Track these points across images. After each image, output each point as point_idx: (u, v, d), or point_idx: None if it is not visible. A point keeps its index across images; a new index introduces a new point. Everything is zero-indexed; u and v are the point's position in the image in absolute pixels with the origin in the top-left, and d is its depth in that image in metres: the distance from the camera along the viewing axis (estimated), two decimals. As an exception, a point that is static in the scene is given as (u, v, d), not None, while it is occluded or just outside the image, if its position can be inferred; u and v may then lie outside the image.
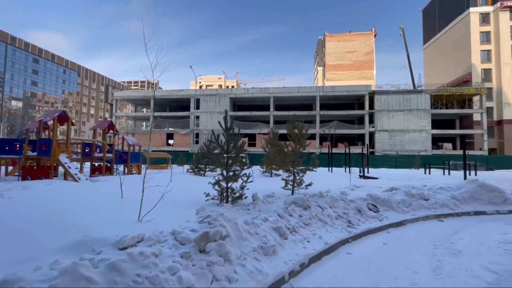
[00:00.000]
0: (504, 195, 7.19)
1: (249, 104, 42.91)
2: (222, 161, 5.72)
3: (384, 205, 6.26)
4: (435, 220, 6.08)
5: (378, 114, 36.41)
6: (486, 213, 6.66)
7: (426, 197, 6.89)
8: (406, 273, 3.37)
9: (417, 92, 36.79)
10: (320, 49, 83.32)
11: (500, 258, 3.85)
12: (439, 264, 3.63)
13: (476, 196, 7.20)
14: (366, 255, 4.03)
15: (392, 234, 5.10)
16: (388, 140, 35.91)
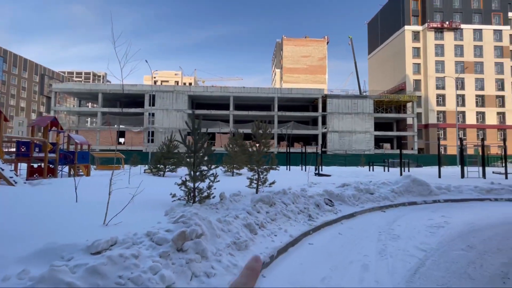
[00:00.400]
0: (430, 188, 8.64)
1: (208, 102, 42.29)
2: (190, 161, 5.72)
3: (338, 199, 7.00)
4: (379, 211, 7.04)
5: (330, 116, 39.34)
6: (416, 203, 7.93)
7: (372, 191, 7.89)
8: (358, 256, 3.93)
9: (362, 97, 40.80)
10: (278, 52, 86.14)
11: (427, 239, 4.73)
12: (383, 247, 4.31)
13: (410, 190, 8.51)
14: (325, 244, 4.54)
15: (345, 225, 5.77)
16: (338, 140, 39.09)
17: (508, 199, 8.64)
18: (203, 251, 3.08)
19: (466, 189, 9.21)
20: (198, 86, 42.62)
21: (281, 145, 36.48)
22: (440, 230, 5.31)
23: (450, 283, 3.14)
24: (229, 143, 13.58)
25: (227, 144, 13.85)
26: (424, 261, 3.78)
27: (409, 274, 3.36)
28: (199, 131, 5.94)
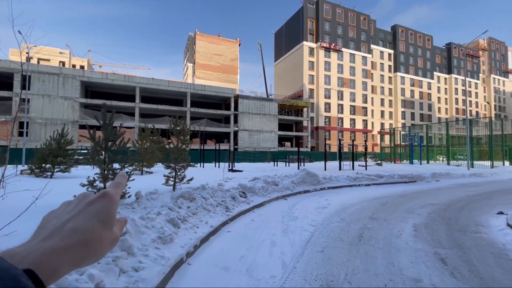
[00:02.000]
0: (318, 179, 10.82)
1: (108, 91, 36.78)
2: (100, 158, 5.25)
3: (250, 191, 7.89)
4: (282, 199, 8.36)
5: (241, 116, 41.57)
6: (309, 191, 9.82)
7: (277, 183, 9.24)
8: (268, 236, 4.77)
9: (269, 100, 45.10)
10: (190, 46, 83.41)
11: (316, 217, 6.13)
12: (286, 227, 5.34)
13: (305, 180, 10.41)
14: (241, 230, 5.20)
15: (256, 212, 6.66)
16: (248, 138, 41.84)
17: (366, 184, 11.86)
18: (129, 247, 3.12)
19: (342, 178, 12.02)
20: (95, 71, 36.28)
21: (194, 142, 35.95)
22: (324, 210, 6.93)
23: (329, 244, 4.36)
24: (138, 139, 12.59)
25: (135, 140, 12.78)
26: (313, 233, 4.98)
27: (304, 244, 4.40)
28: (110, 125, 5.51)
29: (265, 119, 43.53)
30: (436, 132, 36.73)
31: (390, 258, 3.80)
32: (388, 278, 3.19)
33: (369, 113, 62.39)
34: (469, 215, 6.36)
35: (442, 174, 15.05)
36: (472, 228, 5.32)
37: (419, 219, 5.96)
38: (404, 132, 34.88)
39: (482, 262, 3.66)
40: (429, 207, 7.31)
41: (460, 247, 4.25)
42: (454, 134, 33.38)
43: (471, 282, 3.10)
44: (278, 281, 3.13)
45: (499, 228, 5.16)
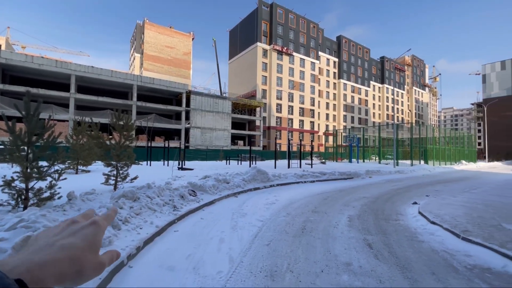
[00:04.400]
0: (268, 176, 11.23)
1: (34, 78, 31.61)
2: (20, 154, 4.52)
3: (200, 190, 7.76)
4: (233, 197, 8.44)
5: (193, 112, 40.30)
6: (259, 188, 10.12)
7: (228, 181, 9.28)
8: (217, 233, 4.79)
9: (223, 98, 44.76)
10: (138, 35, 77.17)
11: (264, 213, 6.38)
12: (235, 223, 5.43)
13: (255, 178, 10.69)
14: (189, 229, 5.10)
15: (206, 210, 6.59)
16: (200, 136, 40.83)
17: (311, 181, 12.76)
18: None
19: (290, 176, 12.70)
20: (15, 52, 30.67)
21: (140, 138, 33.47)
22: (273, 205, 7.25)
23: (275, 237, 4.60)
24: (72, 134, 11.18)
25: (68, 134, 11.31)
26: (261, 228, 5.18)
27: (251, 238, 4.54)
28: (36, 116, 4.80)
29: (219, 117, 43.09)
30: (371, 134, 41.54)
31: (328, 246, 4.20)
32: (324, 264, 3.53)
33: (316, 115, 67.09)
34: (392, 206, 7.41)
35: (374, 171, 17.12)
36: (394, 216, 6.23)
37: (354, 211, 6.71)
38: (345, 134, 38.50)
39: (399, 244, 4.33)
40: (362, 200, 8.27)
41: (384, 233, 4.95)
42: (384, 137, 38.13)
43: (389, 261, 3.64)
44: (224, 276, 3.19)
45: (413, 216, 6.15)
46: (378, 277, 3.17)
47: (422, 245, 4.32)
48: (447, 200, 7.69)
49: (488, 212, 6.15)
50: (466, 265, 3.56)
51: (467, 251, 4.00)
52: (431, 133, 29.91)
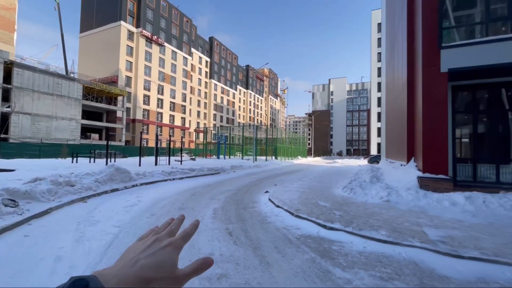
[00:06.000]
0: (130, 175, 9.99)
1: None
2: None
3: (26, 197, 5.78)
4: (80, 202, 6.87)
5: (18, 92, 29.34)
6: (118, 189, 8.82)
7: (73, 183, 7.46)
8: (51, 251, 3.74)
9: (70, 79, 35.41)
10: None
11: (123, 217, 5.63)
12: (82, 234, 4.46)
13: (113, 178, 9.22)
14: (2, 254, 3.68)
15: (35, 224, 4.99)
16: (30, 126, 30.37)
17: (180, 177, 12.52)
18: None
19: (157, 173, 11.89)
20: None
21: None
22: (134, 207, 6.52)
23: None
24: None
25: None
26: (118, 234, 4.53)
27: (104, 249, 3.88)
28: None
29: (62, 102, 33.69)
30: (236, 133, 46.04)
31: (192, 241, 4.27)
32: (188, 260, 3.56)
33: (188, 112, 66.46)
34: (250, 196, 8.56)
35: (237, 167, 19.09)
36: (250, 204, 7.21)
37: (218, 203, 7.19)
38: (214, 131, 40.50)
39: (253, 228, 5.07)
40: (226, 192, 9.02)
41: (242, 220, 5.62)
42: (247, 136, 43.35)
43: (245, 245, 4.19)
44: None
45: (264, 202, 7.38)
46: (235, 261, 3.57)
47: (270, 226, 5.26)
48: (287, 188, 9.78)
49: (311, 194, 8.36)
50: (296, 236, 4.67)
51: (298, 225, 5.26)
52: (280, 135, 36.99)
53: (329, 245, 4.23)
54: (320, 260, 3.62)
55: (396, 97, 13.86)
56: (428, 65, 7.61)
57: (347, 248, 4.11)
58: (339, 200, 7.35)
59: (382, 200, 7.08)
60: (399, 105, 12.68)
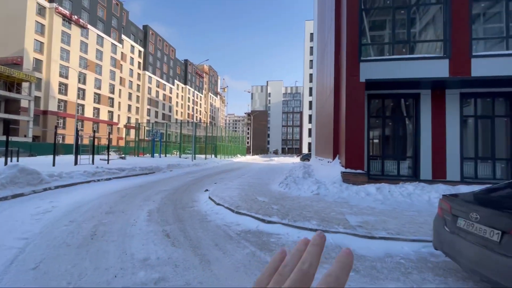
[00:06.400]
0: (41, 177, 8.38)
1: None
2: None
3: None
4: (-36, 213, 5.41)
5: None
6: (24, 194, 7.29)
7: (-46, 189, 5.81)
8: None
9: None
10: None
11: (31, 227, 4.70)
12: (-31, 252, 3.53)
13: (16, 181, 7.57)
14: None
15: None
16: None
17: (107, 178, 11.15)
18: None
19: (77, 174, 10.30)
20: None
21: None
22: (47, 214, 5.51)
23: (49, 255, 3.53)
24: None
25: None
26: (24, 248, 3.77)
27: (5, 266, 3.18)
28: None
29: None
30: (174, 130, 43.66)
31: (124, 247, 3.89)
32: (119, 268, 3.23)
33: (116, 105, 59.48)
34: (189, 195, 8.27)
35: (175, 165, 18.15)
36: (190, 204, 6.98)
37: (154, 205, 6.71)
38: (148, 128, 37.46)
39: (192, 228, 4.93)
40: (162, 193, 8.48)
41: (180, 221, 5.40)
42: (185, 133, 41.66)
43: (184, 245, 4.04)
44: None
45: (204, 201, 7.25)
46: (174, 263, 3.41)
47: (210, 224, 5.21)
48: (228, 185, 9.83)
49: (250, 191, 8.62)
50: (236, 231, 4.76)
51: (238, 221, 5.37)
52: (220, 133, 36.80)
53: (267, 238, 4.46)
54: (260, 253, 3.79)
55: (325, 102, 15.50)
56: (351, 75, 8.77)
57: (284, 239, 4.41)
58: (276, 195, 7.80)
59: (313, 193, 7.83)
60: (327, 108, 14.21)
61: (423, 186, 7.54)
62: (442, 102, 8.82)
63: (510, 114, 8.70)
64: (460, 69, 8.05)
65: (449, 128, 8.69)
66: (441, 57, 8.28)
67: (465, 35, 8.14)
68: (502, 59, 7.89)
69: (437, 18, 8.87)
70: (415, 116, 9.10)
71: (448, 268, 3.38)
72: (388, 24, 9.19)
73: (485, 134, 8.84)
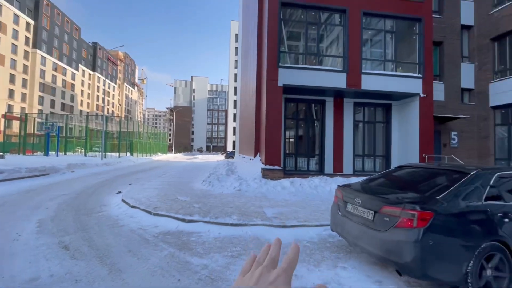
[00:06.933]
0: None
1: None
2: None
3: None
4: None
5: None
6: None
7: None
8: None
9: None
10: None
11: None
12: None
13: None
14: None
15: None
16: None
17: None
18: None
19: None
20: None
21: None
22: None
23: None
24: None
25: None
26: None
27: None
28: None
29: None
30: (77, 124, 36.91)
31: (0, 270, 3.10)
32: (-8, 294, 2.58)
33: (-11, 89, 45.72)
34: (97, 198, 7.22)
35: (78, 165, 15.43)
36: (97, 209, 6.11)
37: (47, 213, 5.57)
38: (40, 119, 30.46)
39: (100, 235, 4.35)
40: (60, 198, 7.11)
41: (84, 229, 4.68)
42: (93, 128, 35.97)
43: (89, 256, 3.54)
44: None
45: (116, 204, 6.48)
46: (74, 278, 2.95)
47: (123, 229, 4.72)
48: (145, 186, 9.07)
49: (171, 190, 8.21)
50: (154, 234, 4.48)
51: (156, 223, 5.05)
52: (137, 128, 33.34)
53: (188, 237, 4.38)
54: (179, 253, 3.69)
55: (248, 102, 16.20)
56: (271, 79, 9.47)
57: (205, 236, 4.43)
58: (199, 194, 7.69)
59: (235, 190, 8.10)
60: (249, 108, 14.89)
61: (326, 179, 8.88)
62: (341, 109, 10.58)
63: (386, 121, 11.20)
64: (353, 82, 9.84)
65: (346, 131, 10.50)
66: (341, 71, 9.92)
67: (357, 55, 9.99)
68: (381, 77, 10.07)
69: (340, 38, 10.56)
70: (321, 120, 10.60)
71: (341, 245, 4.13)
72: (303, 36, 10.35)
73: (369, 136, 11.11)
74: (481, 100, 12.84)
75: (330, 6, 9.99)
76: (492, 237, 2.73)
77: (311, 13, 10.17)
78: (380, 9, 10.23)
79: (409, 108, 10.60)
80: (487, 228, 2.77)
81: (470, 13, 13.30)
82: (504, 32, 11.99)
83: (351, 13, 9.99)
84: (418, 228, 2.65)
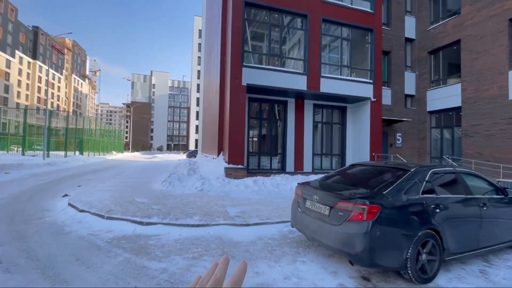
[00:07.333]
0: None
1: None
2: None
3: None
4: None
5: None
6: None
7: None
8: None
9: None
10: None
11: None
12: None
13: None
14: None
15: None
16: None
17: None
18: None
19: None
20: None
21: None
22: None
23: None
24: None
25: None
26: None
27: None
28: None
29: None
30: (13, 118, 32.24)
31: None
32: None
33: None
34: (38, 203, 6.42)
35: (13, 165, 13.51)
36: (38, 214, 5.44)
37: (-28, 223, 4.77)
38: (-37, 113, 25.76)
39: (42, 244, 3.89)
40: (-11, 205, 6.15)
41: (21, 238, 4.13)
42: (33, 123, 31.83)
43: (28, 268, 3.14)
44: None
45: (62, 209, 5.83)
46: (8, 294, 2.59)
47: (70, 236, 4.28)
48: (97, 187, 8.33)
49: (127, 192, 7.68)
50: (107, 240, 4.15)
51: (109, 227, 4.69)
52: (88, 125, 30.40)
53: (145, 240, 4.15)
54: (136, 259, 3.49)
55: (211, 100, 15.93)
56: (234, 78, 9.45)
57: (164, 239, 4.25)
58: (158, 194, 7.34)
59: (197, 190, 7.92)
60: (213, 106, 14.66)
61: (288, 177, 9.20)
62: (302, 110, 11.04)
63: (342, 122, 12.01)
64: (313, 85, 10.34)
65: (306, 131, 10.99)
66: (302, 73, 10.34)
67: (317, 59, 10.52)
68: (338, 81, 10.76)
69: (301, 41, 10.99)
70: (284, 120, 10.93)
71: (300, 240, 4.32)
72: (266, 38, 10.53)
73: (327, 136, 11.80)
74: (421, 105, 14.56)
75: (292, 10, 10.33)
76: (427, 225, 3.13)
77: (274, 15, 10.39)
78: (338, 17, 10.91)
79: (361, 111, 11.53)
80: (423, 218, 3.16)
81: (413, 28, 14.96)
82: (438, 47, 13.76)
83: (311, 18, 10.47)
84: (367, 221, 2.91)
